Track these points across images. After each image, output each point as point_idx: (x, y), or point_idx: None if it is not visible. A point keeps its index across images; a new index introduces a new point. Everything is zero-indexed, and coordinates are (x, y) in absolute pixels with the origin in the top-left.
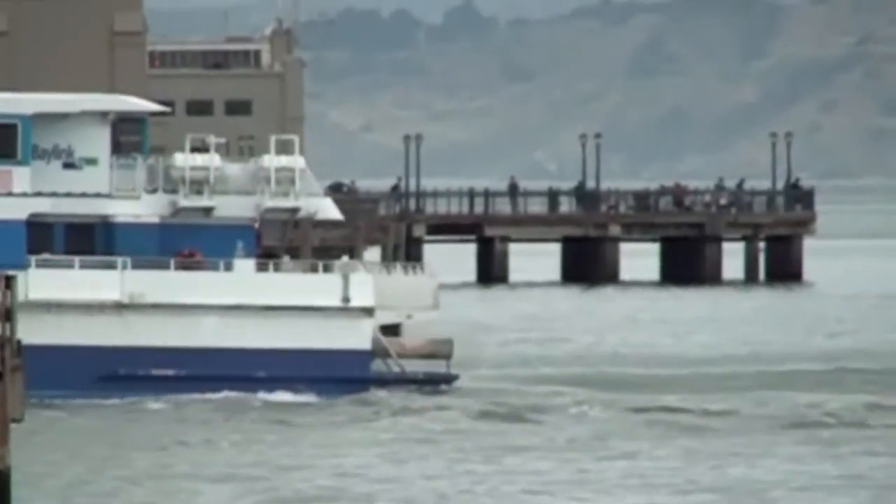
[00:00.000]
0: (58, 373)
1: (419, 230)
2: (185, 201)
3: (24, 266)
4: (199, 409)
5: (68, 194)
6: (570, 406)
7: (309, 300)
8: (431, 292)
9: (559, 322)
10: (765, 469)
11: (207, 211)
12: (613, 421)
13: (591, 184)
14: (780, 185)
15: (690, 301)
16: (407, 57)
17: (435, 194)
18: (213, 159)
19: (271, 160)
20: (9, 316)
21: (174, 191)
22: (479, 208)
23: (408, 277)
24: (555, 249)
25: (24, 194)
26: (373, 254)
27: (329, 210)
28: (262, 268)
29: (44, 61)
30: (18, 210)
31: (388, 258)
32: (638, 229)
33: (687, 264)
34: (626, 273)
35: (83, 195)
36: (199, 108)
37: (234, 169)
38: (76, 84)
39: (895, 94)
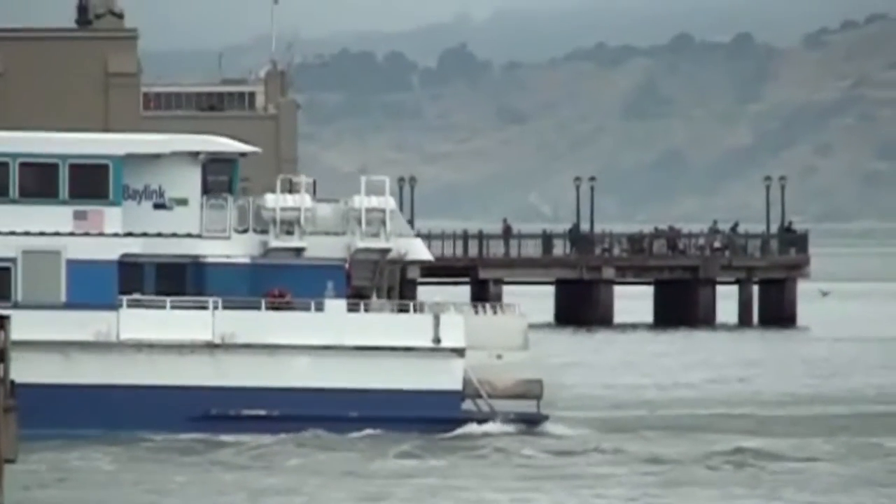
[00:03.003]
0: (150, 413)
1: (414, 272)
2: (275, 241)
3: (115, 306)
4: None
5: (159, 235)
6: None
7: (400, 341)
8: (521, 332)
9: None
10: None
11: (298, 251)
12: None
13: (585, 226)
14: (775, 228)
15: (683, 344)
16: (401, 99)
17: (429, 236)
18: (303, 199)
19: (362, 201)
20: (2, 356)
21: (265, 231)
22: (473, 251)
23: (497, 317)
24: (549, 292)
25: (116, 235)
26: None
27: (419, 251)
28: (353, 308)
29: (39, 102)
30: (110, 250)
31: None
32: (632, 272)
33: (681, 307)
34: (619, 316)
35: (174, 235)
36: None
37: (325, 209)
38: (71, 125)
39: (889, 138)
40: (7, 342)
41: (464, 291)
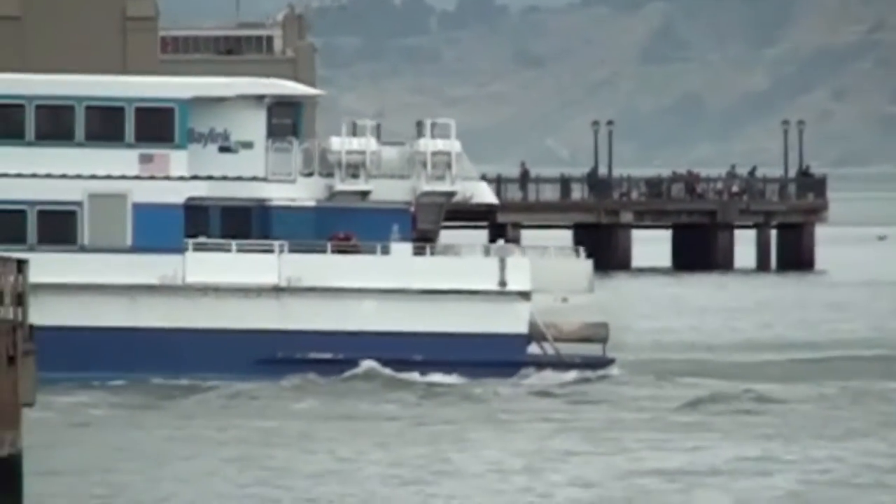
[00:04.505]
0: (216, 356)
1: None
2: (341, 185)
3: (181, 250)
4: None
5: (224, 178)
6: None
7: (466, 284)
8: (586, 275)
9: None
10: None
11: (363, 195)
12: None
13: (603, 170)
14: (792, 172)
15: (701, 288)
16: (419, 43)
17: None
18: (369, 143)
19: (427, 144)
20: (21, 300)
21: (330, 174)
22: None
23: (563, 260)
24: (567, 236)
25: (182, 178)
26: None
27: (484, 194)
28: (418, 251)
29: (56, 46)
30: (176, 194)
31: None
32: (650, 216)
33: (699, 252)
34: (637, 260)
35: (239, 179)
36: None
37: (391, 152)
38: (88, 69)
39: None
40: (25, 286)
41: (482, 235)
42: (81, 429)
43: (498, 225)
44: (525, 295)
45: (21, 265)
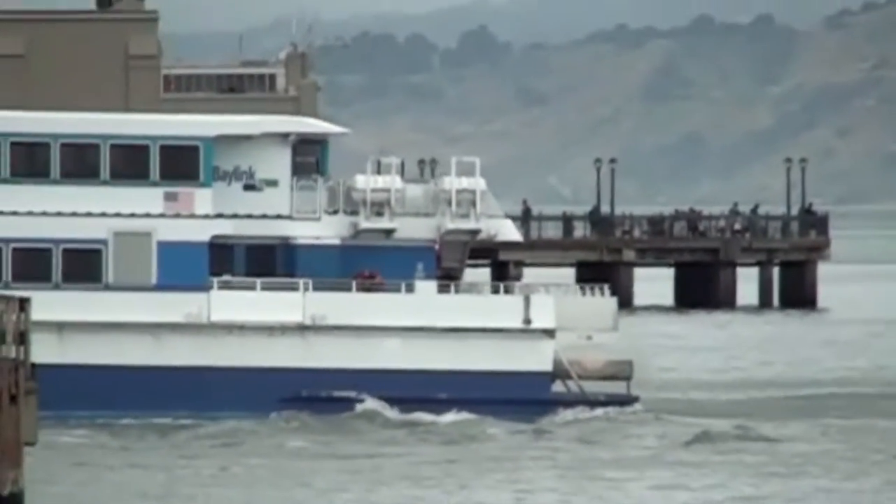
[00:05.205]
0: (240, 394)
1: None
2: (365, 223)
3: (206, 288)
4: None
5: (249, 216)
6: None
7: (490, 322)
8: (611, 313)
9: None
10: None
11: (388, 232)
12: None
13: (605, 208)
14: (795, 210)
15: (703, 326)
16: (422, 81)
17: None
18: (394, 181)
19: (452, 182)
20: (23, 339)
21: (355, 212)
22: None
23: (587, 298)
24: (569, 274)
25: (207, 216)
26: None
27: (509, 232)
28: (443, 289)
29: (59, 84)
30: (201, 232)
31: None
32: (652, 254)
33: (701, 289)
34: (640, 298)
35: (264, 217)
36: None
37: (415, 190)
38: (91, 107)
39: None
40: (28, 323)
41: (484, 274)
42: (83, 467)
43: (500, 263)
44: (549, 333)
45: (23, 304)
